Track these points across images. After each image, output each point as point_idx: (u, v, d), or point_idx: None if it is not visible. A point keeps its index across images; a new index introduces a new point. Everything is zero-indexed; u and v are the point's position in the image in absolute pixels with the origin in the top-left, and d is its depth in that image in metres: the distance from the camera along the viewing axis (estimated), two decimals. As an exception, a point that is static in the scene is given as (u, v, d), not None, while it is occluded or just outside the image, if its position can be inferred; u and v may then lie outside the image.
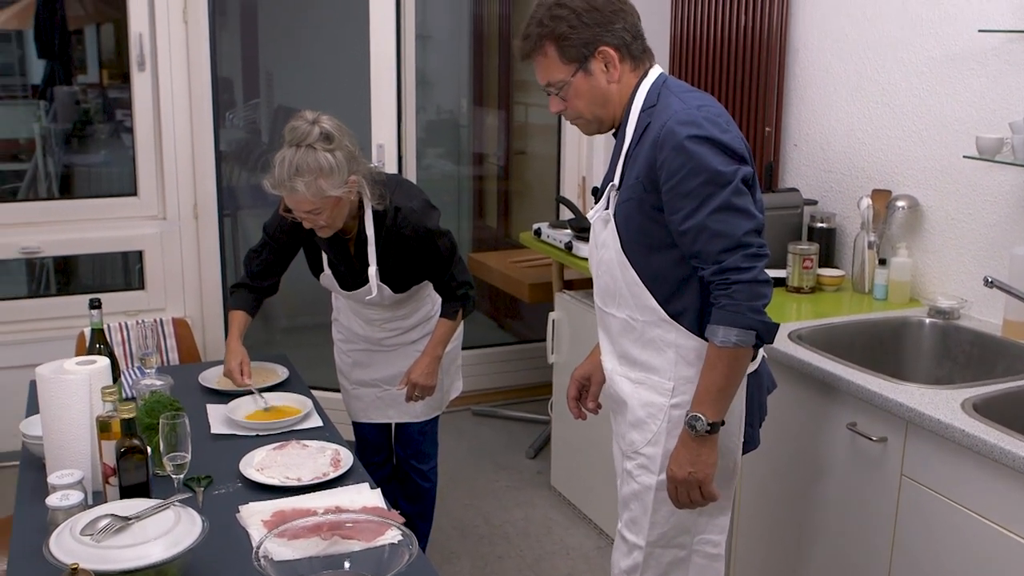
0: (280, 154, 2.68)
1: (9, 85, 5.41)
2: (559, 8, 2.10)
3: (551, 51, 2.12)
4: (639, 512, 2.26)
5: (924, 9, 3.13)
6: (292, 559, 1.95)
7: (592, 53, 2.10)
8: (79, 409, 2.25)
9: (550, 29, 2.11)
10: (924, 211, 3.20)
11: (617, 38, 2.11)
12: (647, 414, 2.20)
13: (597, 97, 2.15)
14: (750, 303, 2.00)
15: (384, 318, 3.12)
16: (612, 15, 2.10)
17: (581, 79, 2.13)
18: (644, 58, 2.18)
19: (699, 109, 2.04)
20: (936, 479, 2.30)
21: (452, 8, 6.09)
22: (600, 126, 2.22)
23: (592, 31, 2.09)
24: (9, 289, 4.87)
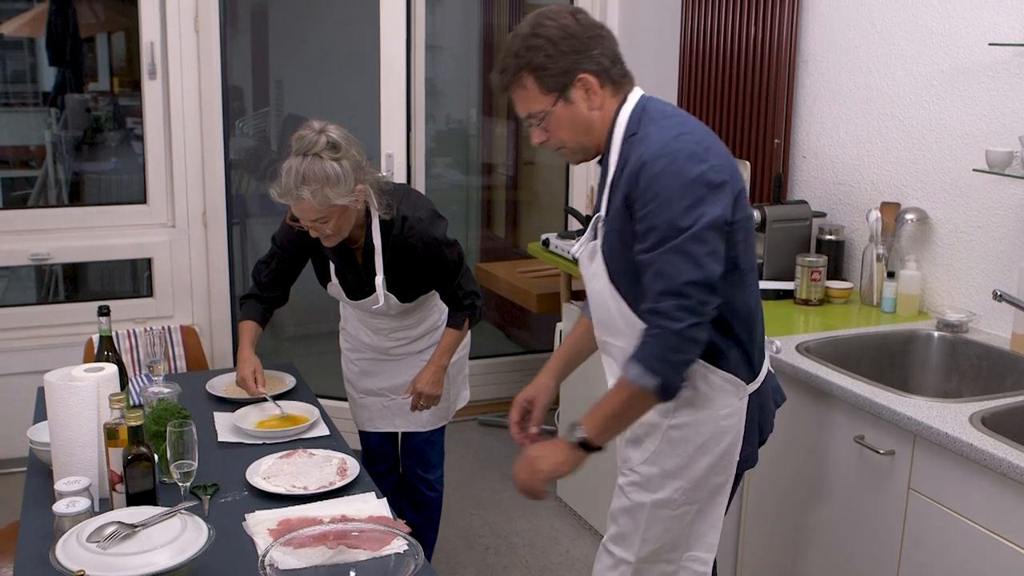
0: (287, 163, 2.69)
1: (21, 92, 5.43)
2: (534, 38, 2.04)
3: (529, 82, 2.06)
4: (629, 528, 2.23)
5: (935, 22, 3.13)
6: (298, 568, 1.95)
7: (571, 81, 2.05)
8: (87, 416, 2.26)
9: (526, 60, 2.05)
10: (933, 224, 3.19)
11: (596, 64, 2.06)
12: (645, 432, 2.19)
13: (579, 125, 2.10)
14: (667, 353, 1.97)
15: (391, 327, 3.12)
16: (589, 41, 2.05)
17: (562, 108, 2.08)
18: (624, 82, 2.13)
19: (677, 139, 1.99)
20: (944, 493, 2.29)
21: (462, 18, 6.10)
22: (585, 154, 2.18)
23: (570, 59, 2.03)
24: (18, 295, 4.89)
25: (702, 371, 2.11)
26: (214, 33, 4.30)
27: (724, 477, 2.19)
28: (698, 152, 1.97)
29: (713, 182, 1.97)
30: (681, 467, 2.16)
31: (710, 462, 2.15)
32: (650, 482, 2.19)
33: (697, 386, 2.12)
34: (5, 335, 4.29)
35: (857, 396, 2.50)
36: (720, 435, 2.15)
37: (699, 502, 2.19)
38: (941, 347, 2.98)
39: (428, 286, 3.03)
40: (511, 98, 2.14)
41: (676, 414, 2.15)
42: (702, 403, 2.13)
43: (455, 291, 3.00)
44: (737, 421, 2.15)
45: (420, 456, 3.27)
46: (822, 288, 3.33)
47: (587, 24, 2.06)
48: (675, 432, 2.15)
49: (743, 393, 2.15)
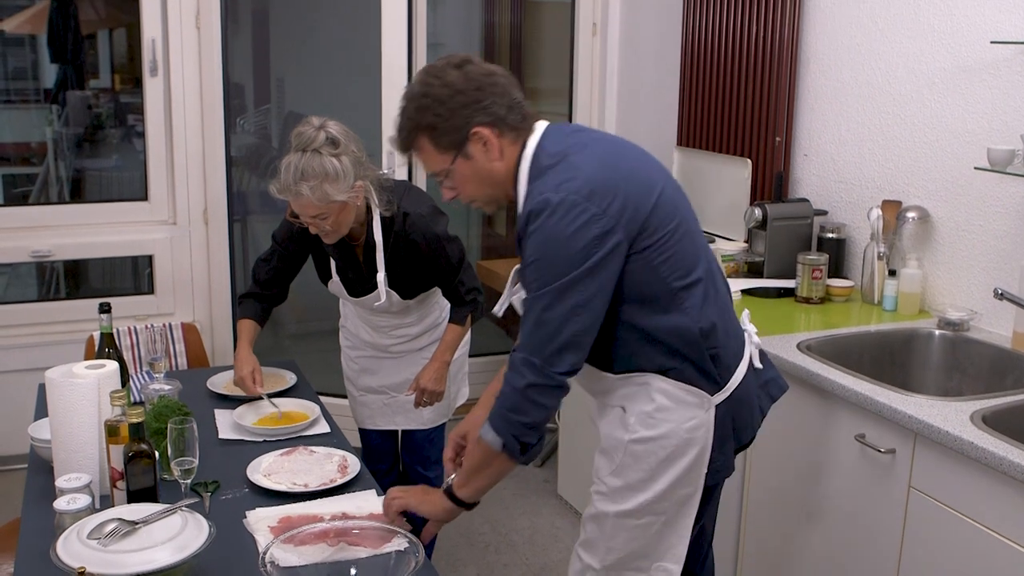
0: (286, 159, 2.69)
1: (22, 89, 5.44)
2: (423, 99, 2.00)
3: (425, 143, 2.03)
4: (596, 535, 2.20)
5: (936, 20, 3.13)
6: (298, 565, 1.94)
7: (466, 137, 2.00)
8: (88, 413, 2.26)
9: (417, 122, 2.02)
10: (934, 222, 3.19)
11: (489, 115, 1.99)
12: (611, 446, 2.17)
13: (483, 178, 2.05)
14: (508, 414, 1.97)
15: (391, 325, 3.12)
16: (478, 93, 1.98)
17: (462, 164, 2.03)
18: (524, 126, 2.05)
19: (557, 190, 1.93)
20: (945, 491, 2.29)
21: (463, 16, 6.10)
22: (497, 204, 2.14)
23: (461, 115, 1.98)
24: (19, 292, 4.89)
25: (658, 383, 2.07)
26: (215, 30, 4.30)
27: (692, 489, 2.14)
28: (577, 203, 1.91)
29: (589, 234, 1.92)
30: (645, 480, 2.11)
31: (676, 475, 2.10)
32: (615, 493, 2.15)
33: (655, 399, 2.08)
34: (6, 332, 4.29)
35: (858, 394, 2.50)
36: (685, 447, 2.09)
37: (666, 513, 2.14)
38: (942, 345, 2.98)
39: (430, 283, 3.03)
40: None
41: (636, 429, 2.10)
42: (663, 416, 2.07)
43: (457, 287, 2.99)
44: (704, 433, 2.09)
45: (420, 454, 3.27)
46: (823, 286, 3.33)
47: (475, 76, 2.00)
48: (637, 447, 2.10)
49: (708, 405, 2.09)
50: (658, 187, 2.03)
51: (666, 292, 2.02)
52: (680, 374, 2.07)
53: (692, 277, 2.04)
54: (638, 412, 2.10)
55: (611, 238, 1.93)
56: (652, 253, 1.99)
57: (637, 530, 2.15)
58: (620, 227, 1.94)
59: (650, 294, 2.01)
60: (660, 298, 2.02)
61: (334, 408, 3.18)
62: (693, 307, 2.04)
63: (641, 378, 2.09)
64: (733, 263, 3.63)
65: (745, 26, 3.89)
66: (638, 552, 2.17)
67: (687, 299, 2.03)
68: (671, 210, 2.03)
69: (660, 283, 2.01)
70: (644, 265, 1.99)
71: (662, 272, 2.00)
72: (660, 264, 2.00)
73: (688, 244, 2.05)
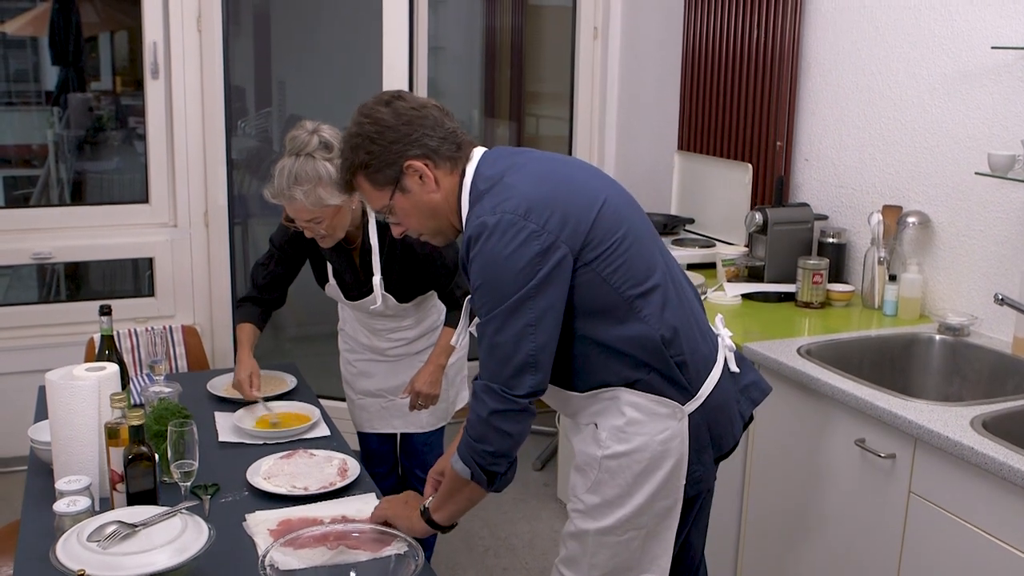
0: (280, 164, 2.69)
1: (23, 91, 5.44)
2: (355, 138, 2.03)
3: (362, 182, 2.05)
4: (578, 552, 2.18)
5: (937, 25, 3.13)
6: (298, 568, 1.95)
7: (400, 171, 2.01)
8: (88, 415, 2.26)
9: (352, 161, 2.04)
10: (935, 227, 3.19)
11: (421, 147, 2.01)
12: (584, 462, 2.15)
13: (424, 211, 2.06)
14: (473, 443, 1.97)
15: (388, 328, 3.12)
16: (407, 127, 2.00)
17: (401, 199, 2.05)
18: (459, 155, 2.06)
19: (494, 212, 1.93)
20: (945, 496, 2.29)
21: (464, 20, 6.10)
22: (445, 235, 2.15)
23: (393, 150, 2.00)
24: (20, 294, 4.89)
25: (627, 396, 2.06)
26: (217, 33, 4.31)
27: (672, 500, 2.12)
28: (515, 222, 1.92)
29: (529, 251, 1.92)
30: (622, 496, 2.10)
31: (653, 488, 2.08)
32: (593, 511, 2.13)
33: (625, 413, 2.06)
34: (7, 334, 4.29)
35: (858, 399, 2.50)
36: (660, 460, 2.07)
37: (646, 527, 2.13)
38: (942, 350, 2.98)
39: (426, 286, 3.03)
40: None
41: (609, 444, 2.08)
42: (635, 429, 2.05)
43: (452, 291, 2.99)
44: (679, 444, 2.07)
45: (419, 458, 3.27)
46: (823, 291, 3.33)
47: (403, 111, 2.02)
48: (611, 462, 2.09)
49: (680, 415, 2.06)
50: (600, 198, 2.03)
51: (620, 302, 2.00)
52: (648, 385, 2.05)
53: (647, 285, 2.03)
54: (609, 427, 2.08)
55: (553, 253, 1.93)
56: (600, 264, 1.98)
57: (619, 546, 2.13)
58: (561, 241, 1.94)
59: (604, 306, 2.00)
60: (615, 309, 2.00)
61: (334, 411, 3.18)
62: (651, 315, 2.02)
63: (609, 393, 2.07)
64: (733, 267, 3.63)
65: (746, 31, 3.89)
66: (622, 566, 2.15)
67: (644, 307, 2.02)
68: (616, 220, 2.02)
69: (612, 293, 2.00)
70: (594, 277, 1.98)
71: (613, 282, 1.99)
72: (610, 275, 1.99)
73: (640, 251, 2.04)
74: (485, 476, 2.00)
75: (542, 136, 5.83)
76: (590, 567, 2.16)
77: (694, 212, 4.25)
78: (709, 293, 3.43)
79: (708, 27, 4.11)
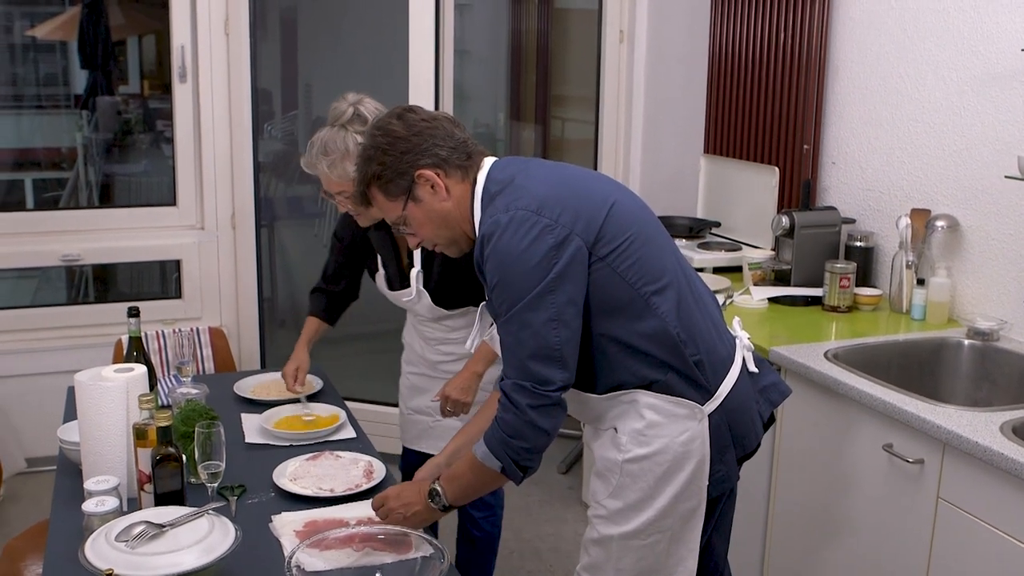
0: (317, 133, 2.67)
1: (53, 95, 5.49)
2: (368, 150, 2.08)
3: (376, 193, 2.10)
4: (601, 559, 2.17)
5: (966, 28, 3.11)
6: (324, 570, 1.95)
7: (412, 180, 2.05)
8: (116, 416, 2.27)
9: (365, 173, 2.08)
10: (964, 231, 3.17)
11: (431, 157, 2.05)
12: (605, 467, 2.15)
13: (437, 220, 2.09)
14: (507, 439, 1.96)
15: (438, 338, 3.01)
16: (418, 138, 2.05)
17: (414, 209, 2.08)
18: (470, 164, 2.10)
19: (507, 211, 1.96)
20: (973, 502, 2.27)
21: (490, 23, 6.11)
22: (459, 245, 2.17)
23: (404, 160, 2.04)
24: (49, 296, 4.94)
25: (645, 399, 2.06)
26: (244, 36, 4.33)
27: (695, 502, 2.12)
28: (527, 217, 1.95)
29: (544, 245, 1.93)
30: (645, 499, 2.10)
31: (676, 491, 2.08)
32: (616, 516, 2.13)
33: (644, 415, 2.06)
34: (36, 335, 4.33)
35: (886, 404, 2.48)
36: (682, 461, 2.07)
37: (671, 529, 2.12)
38: (971, 355, 2.95)
39: (470, 295, 2.92)
40: None
41: (629, 448, 2.08)
42: (655, 432, 2.06)
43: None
44: (700, 445, 2.07)
45: None
46: (851, 295, 3.31)
47: (413, 122, 2.06)
48: (632, 466, 2.09)
49: (700, 415, 2.07)
50: (610, 199, 2.04)
51: (636, 298, 2.01)
52: (666, 386, 2.05)
53: (662, 282, 2.04)
54: (629, 431, 2.08)
55: (568, 246, 1.95)
56: (615, 259, 2.00)
57: (644, 549, 2.13)
58: (575, 234, 1.96)
59: (620, 302, 2.01)
60: (631, 305, 2.02)
61: (360, 413, 3.18)
62: (667, 312, 2.03)
63: (627, 396, 2.08)
64: (760, 271, 3.61)
65: (773, 34, 3.87)
66: (648, 570, 2.15)
67: (660, 304, 2.03)
68: (626, 220, 2.04)
69: (629, 290, 2.01)
70: (610, 273, 1.99)
71: (629, 278, 2.00)
72: (626, 270, 2.00)
73: (652, 251, 2.05)
74: (520, 471, 2.01)
75: (568, 140, 5.83)
76: (616, 572, 2.15)
77: (720, 215, 4.24)
78: (735, 297, 3.42)
79: (735, 30, 4.10)
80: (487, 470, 2.02)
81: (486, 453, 2.00)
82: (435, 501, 2.10)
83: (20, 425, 4.31)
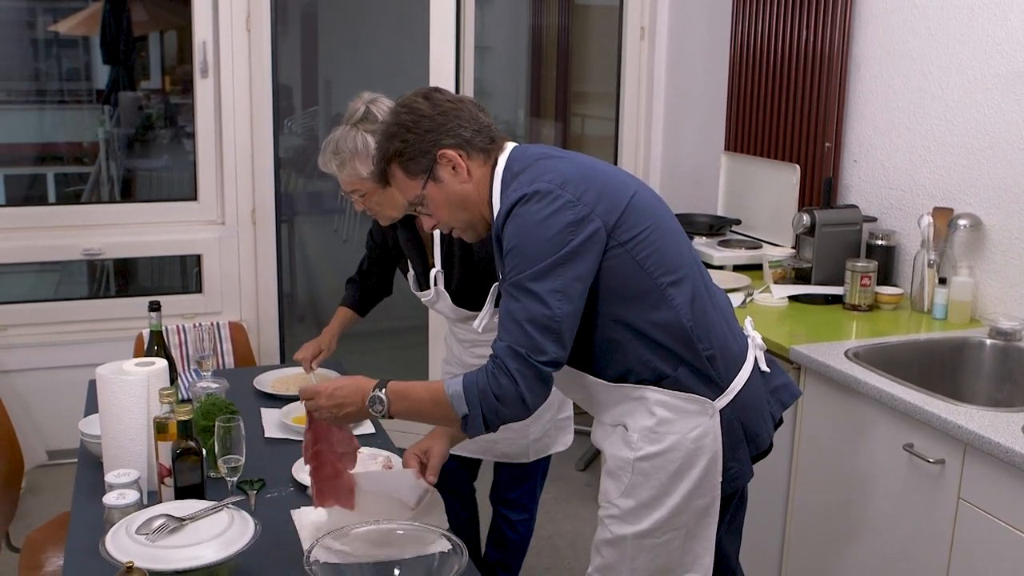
0: (332, 132, 2.67)
1: (75, 90, 5.52)
2: (391, 127, 2.06)
3: (396, 171, 2.08)
4: (615, 559, 2.16)
5: (991, 25, 3.09)
6: (343, 564, 1.95)
7: (434, 160, 2.03)
8: (137, 410, 2.29)
9: (386, 150, 2.06)
10: (986, 230, 3.15)
11: (455, 138, 2.03)
12: (616, 466, 2.14)
13: (455, 201, 2.07)
14: (494, 397, 1.92)
15: (470, 340, 2.94)
16: (441, 118, 2.03)
17: (433, 189, 2.06)
18: (492, 148, 2.09)
19: (531, 185, 1.96)
20: (995, 503, 2.26)
21: (511, 19, 6.10)
22: (476, 229, 2.14)
23: (427, 139, 2.02)
24: (71, 290, 4.97)
25: (656, 397, 2.05)
26: (265, 32, 4.34)
27: (709, 498, 2.11)
28: (551, 190, 1.94)
29: (563, 219, 1.93)
30: (658, 497, 2.09)
31: (689, 487, 2.07)
32: (629, 515, 2.12)
33: (655, 412, 2.06)
34: (58, 328, 4.35)
35: (907, 403, 2.47)
36: (694, 458, 2.06)
37: (685, 527, 2.11)
38: (993, 355, 2.93)
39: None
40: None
41: (641, 446, 2.08)
42: (666, 429, 2.05)
43: None
44: (712, 441, 2.06)
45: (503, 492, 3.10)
46: (872, 294, 3.29)
47: (439, 102, 2.05)
48: (645, 463, 2.08)
49: (711, 411, 2.06)
50: (631, 190, 2.05)
51: (653, 287, 2.01)
52: (676, 382, 2.05)
53: (678, 274, 2.04)
54: (640, 429, 2.08)
55: (587, 225, 1.94)
56: (634, 247, 1.99)
57: (658, 548, 2.12)
58: (596, 216, 1.95)
59: (636, 291, 2.00)
60: (647, 294, 2.01)
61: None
62: (682, 304, 2.03)
63: (637, 392, 2.07)
64: (780, 269, 3.60)
65: (795, 31, 3.86)
66: (663, 568, 2.14)
67: (675, 296, 2.03)
68: (646, 212, 2.04)
69: (646, 278, 2.00)
70: (628, 260, 1.99)
71: (647, 267, 2.00)
72: (644, 258, 2.00)
73: (670, 244, 2.05)
74: (481, 428, 1.96)
75: (588, 136, 5.82)
76: (631, 572, 2.14)
77: (741, 213, 4.22)
78: (755, 295, 3.41)
79: (756, 27, 4.08)
80: (447, 407, 1.97)
81: (459, 395, 1.95)
82: (375, 408, 2.04)
83: (41, 418, 4.33)
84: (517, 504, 3.11)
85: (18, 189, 5.33)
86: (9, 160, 5.28)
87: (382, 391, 2.03)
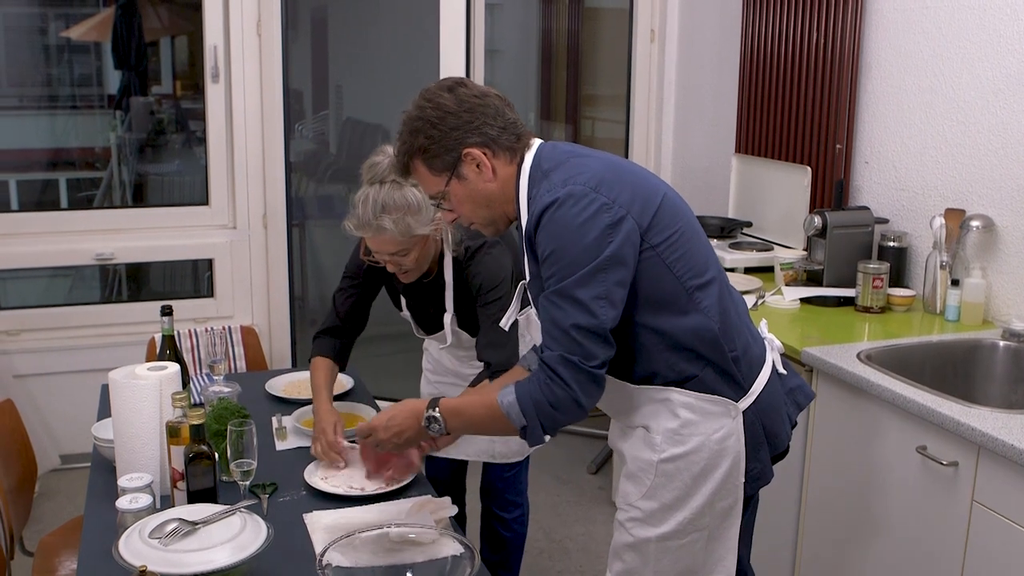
0: (362, 192, 2.52)
1: (87, 95, 5.54)
2: (416, 121, 2.02)
3: (419, 166, 2.05)
4: (638, 564, 2.15)
5: (1003, 26, 3.08)
6: (355, 568, 1.95)
7: (458, 158, 2.01)
8: (149, 414, 2.29)
9: (410, 145, 2.03)
10: (999, 231, 3.13)
11: (481, 135, 2.00)
12: (639, 468, 2.13)
13: (479, 199, 2.05)
14: (550, 406, 1.93)
15: (472, 355, 2.89)
16: (469, 115, 2.00)
17: (456, 186, 2.04)
18: (518, 146, 2.06)
19: (564, 186, 1.93)
20: (1009, 505, 2.25)
21: (521, 22, 6.11)
22: (496, 226, 2.13)
23: (452, 136, 1.99)
24: (83, 294, 4.99)
25: (681, 398, 2.05)
26: (276, 37, 4.35)
27: (732, 499, 2.11)
28: (586, 193, 1.92)
29: (600, 223, 1.91)
30: (681, 498, 2.08)
31: (712, 488, 2.07)
32: (652, 517, 2.11)
33: (679, 414, 2.05)
34: (70, 333, 4.37)
35: (920, 405, 2.46)
36: (717, 459, 2.06)
37: (708, 528, 2.11)
38: (1006, 357, 2.92)
39: None
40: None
41: (664, 447, 2.07)
42: (690, 431, 2.05)
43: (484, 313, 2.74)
44: (735, 442, 2.07)
45: (495, 492, 3.11)
46: (884, 295, 3.28)
47: (465, 98, 2.01)
48: (668, 465, 2.07)
49: (734, 412, 2.06)
50: (661, 191, 2.04)
51: (682, 292, 2.00)
52: (701, 383, 2.04)
53: (706, 277, 2.04)
54: (663, 430, 2.07)
55: (623, 226, 1.93)
56: (665, 250, 1.98)
57: (681, 550, 2.12)
58: (631, 216, 1.94)
59: (666, 296, 2.00)
60: (676, 299, 2.00)
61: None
62: (710, 307, 2.03)
63: (661, 393, 2.06)
64: (792, 271, 3.59)
65: (806, 32, 3.85)
66: (686, 571, 2.14)
67: (703, 299, 2.02)
68: (675, 214, 2.03)
69: (676, 283, 1.99)
70: (659, 264, 1.98)
71: (676, 270, 1.99)
72: (674, 262, 1.99)
73: (697, 246, 2.05)
74: (540, 437, 2.00)
75: (598, 138, 5.81)
76: (655, 574, 2.14)
77: (752, 215, 4.22)
78: (767, 297, 3.40)
79: (766, 29, 4.08)
80: (504, 421, 1.99)
81: (513, 406, 1.97)
82: (432, 429, 2.09)
83: (54, 422, 4.35)
84: (510, 502, 3.12)
85: (31, 194, 5.35)
86: (22, 165, 5.31)
87: (436, 411, 2.08)
